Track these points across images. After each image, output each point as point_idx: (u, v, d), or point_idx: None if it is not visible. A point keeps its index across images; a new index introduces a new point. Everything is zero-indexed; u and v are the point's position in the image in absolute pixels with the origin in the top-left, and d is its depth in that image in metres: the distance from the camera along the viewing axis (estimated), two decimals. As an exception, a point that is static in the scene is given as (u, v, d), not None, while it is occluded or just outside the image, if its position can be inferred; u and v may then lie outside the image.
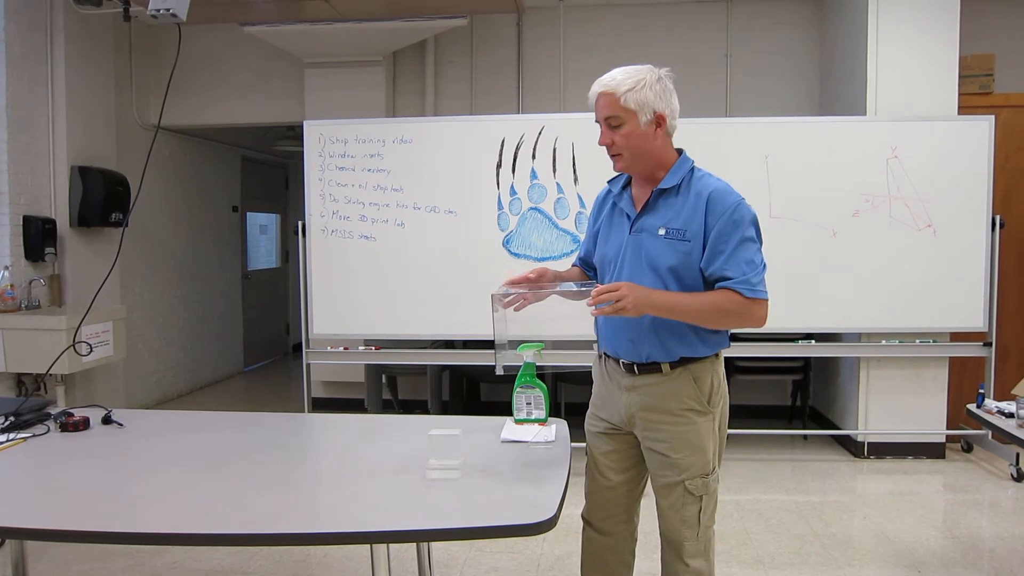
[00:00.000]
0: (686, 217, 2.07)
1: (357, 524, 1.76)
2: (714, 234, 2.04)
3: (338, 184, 4.66)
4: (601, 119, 2.09)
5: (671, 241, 2.07)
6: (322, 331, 4.73)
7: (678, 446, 2.10)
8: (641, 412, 2.14)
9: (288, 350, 9.21)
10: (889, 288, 4.55)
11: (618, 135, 2.07)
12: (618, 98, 2.04)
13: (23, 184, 4.75)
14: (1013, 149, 5.00)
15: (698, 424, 2.11)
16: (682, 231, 2.06)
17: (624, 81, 2.05)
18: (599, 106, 2.09)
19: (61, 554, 3.44)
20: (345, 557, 3.42)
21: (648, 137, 2.08)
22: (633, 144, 2.07)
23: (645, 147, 2.09)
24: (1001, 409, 3.03)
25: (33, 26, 4.82)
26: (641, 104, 2.04)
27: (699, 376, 2.12)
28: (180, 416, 2.84)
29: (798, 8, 5.72)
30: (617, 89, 2.04)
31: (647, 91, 2.04)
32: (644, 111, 2.05)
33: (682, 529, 2.13)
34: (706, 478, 2.12)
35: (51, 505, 1.89)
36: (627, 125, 2.06)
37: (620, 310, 1.95)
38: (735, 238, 2.03)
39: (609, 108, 2.06)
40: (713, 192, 2.06)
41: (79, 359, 4.41)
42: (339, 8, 4.94)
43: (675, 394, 2.10)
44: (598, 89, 2.08)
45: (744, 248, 2.04)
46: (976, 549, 3.53)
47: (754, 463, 4.81)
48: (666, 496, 2.14)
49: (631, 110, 2.04)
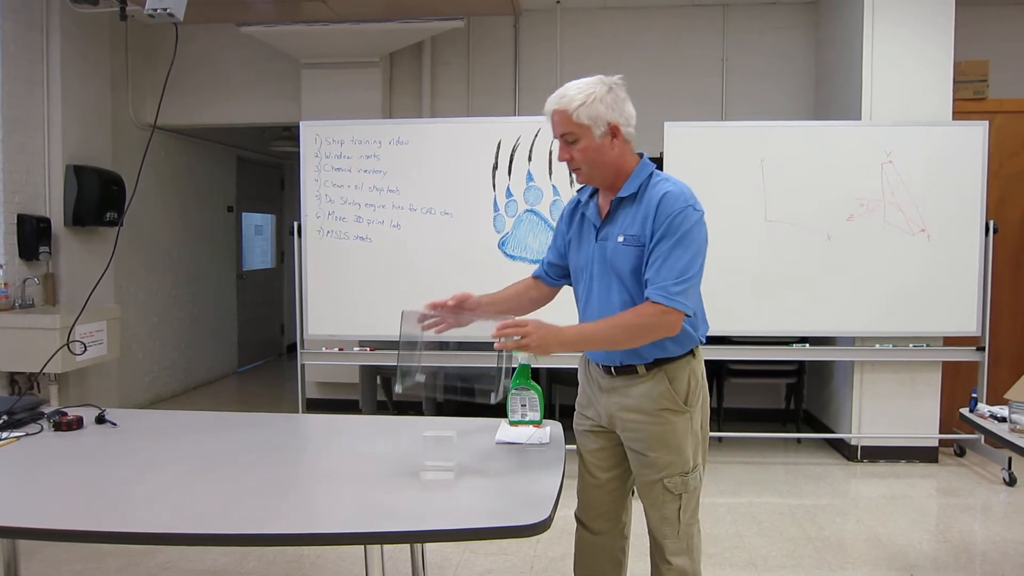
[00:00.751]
0: (640, 223, 2.08)
1: (351, 525, 1.75)
2: (655, 238, 2.04)
3: (334, 185, 4.66)
4: (557, 136, 2.10)
5: (629, 247, 2.08)
6: (317, 332, 4.73)
7: (655, 445, 2.13)
8: (619, 412, 2.18)
9: (283, 351, 9.20)
10: (883, 292, 4.57)
11: (575, 150, 2.08)
12: (570, 114, 2.04)
13: (18, 183, 4.74)
14: (1007, 155, 5.02)
15: (674, 423, 2.13)
16: (637, 236, 2.07)
17: (575, 97, 2.05)
18: (553, 123, 2.09)
19: (54, 554, 3.43)
20: (339, 558, 3.41)
21: (604, 149, 2.08)
22: (590, 158, 2.08)
23: (602, 159, 2.09)
24: (994, 413, 3.04)
25: (29, 25, 4.81)
26: (594, 118, 2.04)
27: (674, 376, 2.14)
28: (174, 416, 2.83)
29: (794, 12, 5.74)
30: (568, 106, 2.04)
31: (598, 104, 2.04)
32: (598, 124, 2.05)
33: (662, 527, 2.16)
34: (685, 476, 2.14)
35: (44, 504, 1.89)
36: (582, 140, 2.06)
37: (524, 347, 1.97)
38: (669, 243, 2.02)
39: (563, 125, 2.07)
40: (663, 197, 2.05)
41: (73, 358, 4.40)
42: (336, 9, 4.94)
43: (650, 394, 2.13)
44: (551, 107, 2.09)
45: (675, 256, 2.02)
46: (968, 553, 3.54)
47: (748, 466, 4.82)
48: (647, 495, 2.18)
49: (585, 125, 2.04)
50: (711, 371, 5.30)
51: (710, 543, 3.48)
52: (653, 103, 5.49)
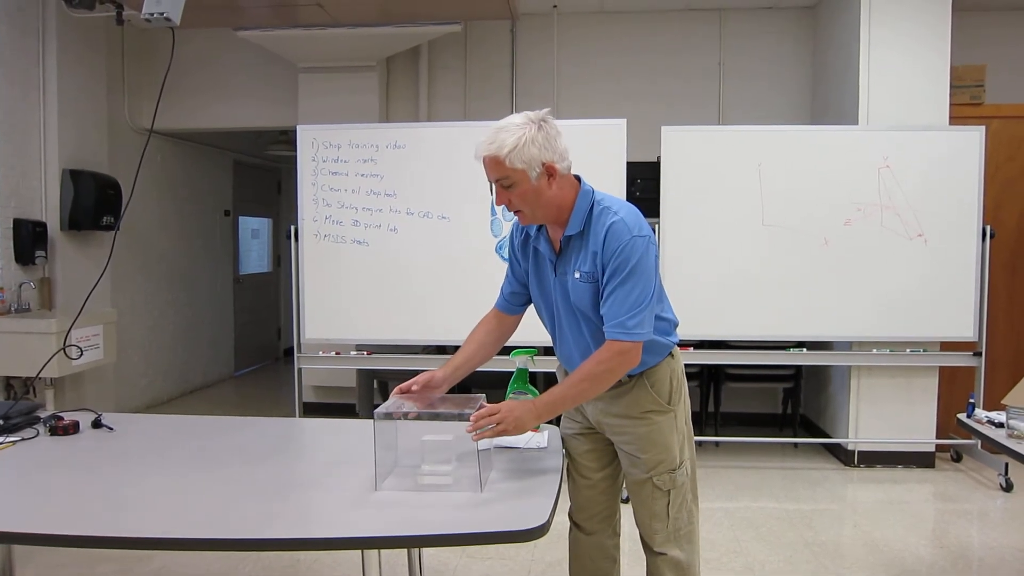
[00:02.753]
0: (591, 259, 2.06)
1: (348, 529, 1.75)
2: (606, 273, 2.03)
3: (331, 189, 4.65)
4: (492, 181, 2.05)
5: (585, 284, 2.07)
6: (314, 335, 4.72)
7: (644, 446, 2.18)
8: (605, 418, 2.23)
9: (279, 354, 9.19)
10: (880, 297, 4.57)
11: (513, 195, 2.03)
12: (503, 160, 1.98)
13: (13, 187, 4.73)
14: (1003, 159, 5.04)
15: (660, 423, 2.18)
16: (591, 273, 2.06)
17: (506, 141, 1.98)
18: (487, 169, 2.04)
19: (49, 559, 3.42)
20: (335, 563, 3.40)
21: (542, 190, 2.03)
22: (530, 200, 2.04)
23: (541, 200, 2.04)
24: (991, 419, 3.04)
25: (25, 29, 4.80)
26: (528, 161, 1.99)
27: (655, 381, 2.17)
28: (170, 420, 2.83)
29: (791, 17, 5.76)
30: (500, 152, 1.98)
31: (531, 147, 1.98)
32: (532, 167, 2.00)
33: (652, 523, 2.21)
34: (672, 473, 2.19)
35: (39, 509, 1.88)
36: (519, 184, 2.01)
37: (501, 432, 1.98)
38: (618, 279, 2.01)
39: (497, 171, 2.01)
40: (608, 231, 2.03)
41: (69, 362, 4.39)
42: (333, 13, 4.94)
43: (635, 401, 2.17)
44: (481, 153, 2.02)
45: (625, 290, 2.01)
46: (965, 559, 3.54)
47: (744, 471, 4.81)
48: (637, 493, 2.23)
49: (519, 169, 1.99)
50: (708, 376, 5.31)
51: (707, 548, 3.48)
52: (650, 107, 5.53)
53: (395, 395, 2.15)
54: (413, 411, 2.04)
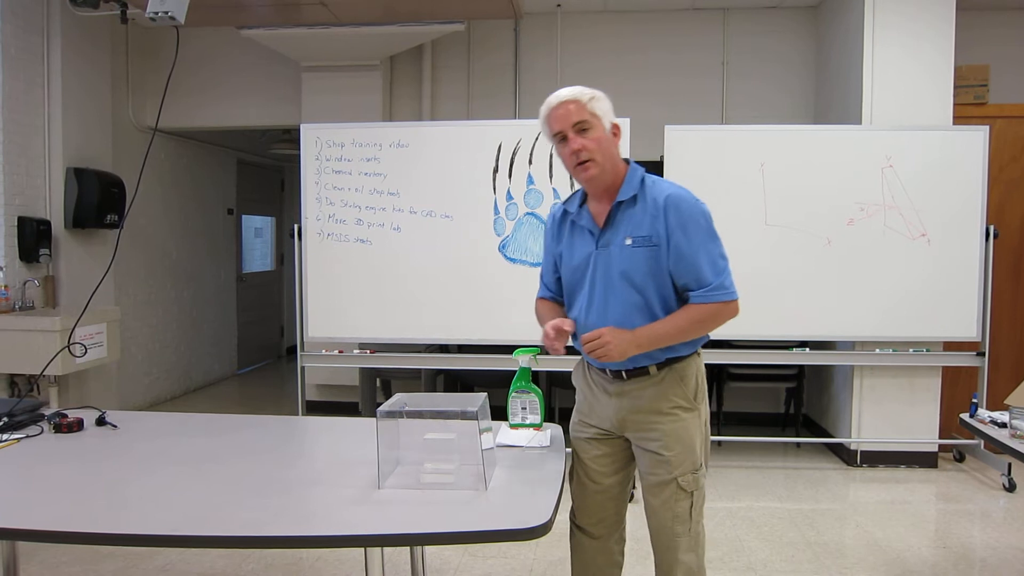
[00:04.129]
0: (648, 223, 2.11)
1: (350, 527, 1.75)
2: (677, 238, 2.08)
3: (334, 187, 4.66)
4: (568, 126, 2.10)
5: (639, 248, 2.11)
6: (317, 334, 4.73)
7: (671, 443, 2.15)
8: (633, 415, 2.19)
9: (282, 353, 9.20)
10: (883, 297, 4.57)
11: (589, 140, 2.10)
12: (585, 104, 2.10)
13: (18, 185, 4.74)
14: (1007, 160, 5.03)
15: (686, 420, 2.18)
16: (649, 237, 2.11)
17: (584, 91, 2.13)
18: (562, 115, 2.11)
19: (53, 556, 3.43)
20: (338, 560, 3.41)
21: (612, 143, 2.14)
22: (604, 148, 2.11)
23: (611, 152, 2.14)
24: (994, 419, 3.04)
25: (29, 27, 4.81)
26: (603, 112, 2.13)
27: (684, 374, 2.18)
28: (174, 418, 2.83)
29: (795, 16, 5.75)
30: (582, 97, 2.11)
31: (604, 102, 2.14)
32: (606, 118, 2.13)
33: (674, 525, 2.17)
34: (696, 473, 2.18)
35: (43, 506, 1.89)
36: (594, 131, 2.10)
37: (605, 356, 2.04)
38: (698, 239, 2.09)
39: (578, 114, 2.10)
40: (669, 196, 2.11)
41: (73, 360, 4.40)
42: (336, 12, 4.95)
43: (664, 394, 2.17)
44: (562, 98, 2.12)
45: (710, 248, 2.10)
46: (967, 559, 3.54)
47: (747, 470, 4.81)
48: (658, 494, 2.18)
49: (597, 115, 2.11)
50: (711, 375, 5.30)
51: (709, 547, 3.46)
52: (653, 106, 5.52)
53: (549, 328, 2.15)
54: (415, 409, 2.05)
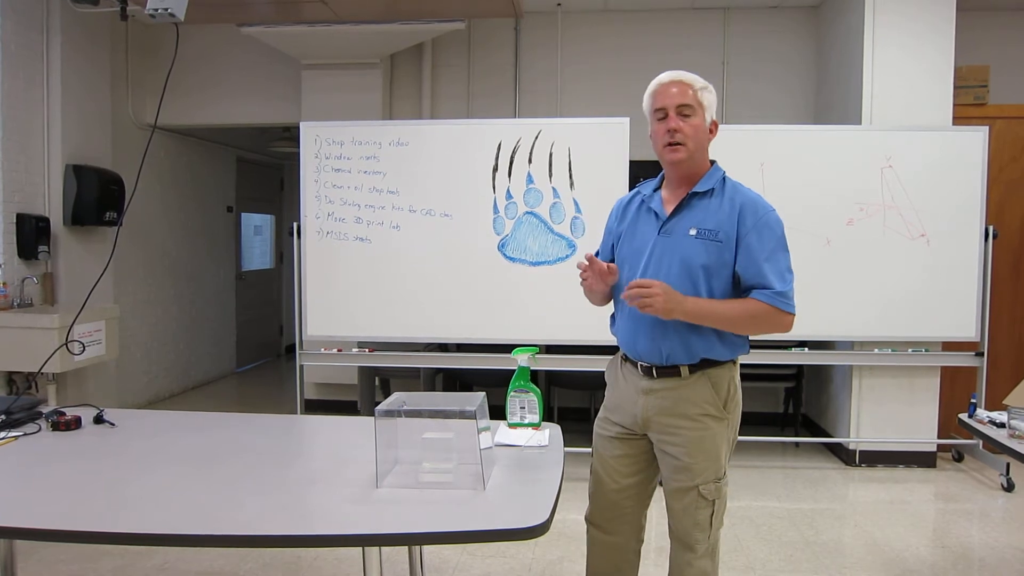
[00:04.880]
0: (719, 220, 2.12)
1: (349, 526, 1.75)
2: (749, 240, 2.09)
3: (334, 186, 4.66)
4: (672, 105, 2.12)
5: (703, 241, 2.11)
6: (315, 333, 4.73)
7: (693, 451, 2.13)
8: (658, 416, 2.17)
9: (281, 351, 9.20)
10: (882, 297, 4.57)
11: (687, 124, 2.12)
12: (695, 91, 2.13)
13: (17, 182, 4.74)
14: (1007, 160, 5.03)
15: (714, 430, 2.14)
16: (715, 232, 2.11)
17: (699, 79, 2.16)
18: (672, 93, 2.13)
19: (51, 554, 3.42)
20: (337, 560, 3.41)
21: (707, 135, 2.17)
22: (699, 136, 2.14)
23: (703, 143, 2.17)
24: (992, 419, 3.04)
25: (29, 24, 4.81)
26: (709, 104, 2.16)
27: (717, 381, 2.15)
28: (172, 416, 2.83)
29: (795, 16, 5.75)
30: (695, 83, 2.14)
31: (712, 95, 2.17)
32: (709, 111, 2.16)
33: (694, 532, 2.15)
34: (719, 482, 2.15)
35: (41, 505, 1.89)
36: (695, 117, 2.13)
37: (649, 307, 2.01)
38: (770, 246, 2.10)
39: (685, 97, 2.12)
40: (747, 201, 2.13)
41: (71, 358, 4.39)
42: (336, 10, 4.94)
43: (693, 398, 2.13)
44: (674, 77, 2.15)
45: (780, 258, 2.11)
46: (966, 559, 3.54)
47: (746, 470, 4.81)
48: (679, 500, 2.17)
49: (703, 105, 2.14)
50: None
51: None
52: (653, 106, 5.50)
53: (586, 259, 2.17)
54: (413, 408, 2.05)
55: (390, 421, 2.02)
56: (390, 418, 2.01)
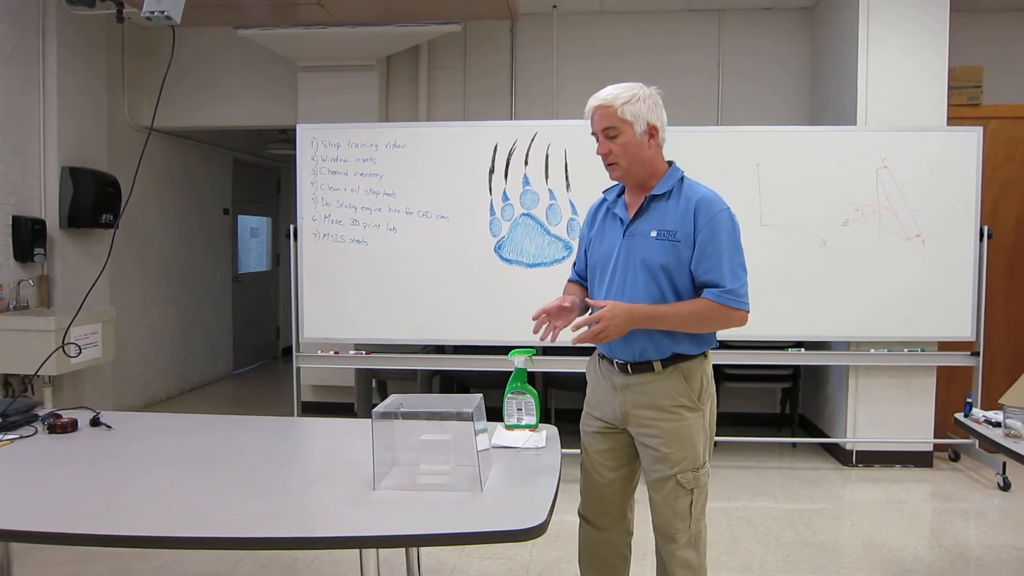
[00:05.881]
0: (676, 220, 2.19)
1: (346, 528, 1.75)
2: (702, 238, 2.15)
3: (330, 188, 4.65)
4: (598, 130, 2.21)
5: (662, 242, 2.19)
6: (312, 335, 4.72)
7: (670, 441, 2.19)
8: (635, 410, 2.24)
9: (278, 353, 9.19)
10: (878, 297, 4.58)
11: (615, 145, 2.19)
12: (616, 110, 2.17)
13: (13, 184, 4.73)
14: (1001, 160, 5.04)
15: (689, 420, 2.20)
16: (672, 232, 2.18)
17: (620, 95, 2.17)
18: (596, 119, 2.21)
19: (47, 556, 3.42)
20: (334, 561, 3.41)
21: (642, 147, 2.20)
22: (630, 153, 2.19)
23: (640, 156, 2.21)
24: (988, 418, 3.05)
25: (25, 26, 4.80)
26: (636, 116, 2.17)
27: (689, 374, 2.22)
28: (169, 419, 2.83)
29: (790, 18, 5.76)
30: (614, 102, 2.17)
31: (641, 104, 2.18)
32: (639, 122, 2.18)
33: (675, 522, 2.21)
34: (696, 472, 2.20)
35: (37, 507, 1.88)
36: (623, 135, 2.19)
37: (603, 339, 2.11)
38: (722, 245, 2.16)
39: (606, 120, 2.18)
40: (700, 199, 2.19)
41: (67, 360, 4.39)
42: (333, 12, 4.94)
43: (667, 392, 2.21)
44: (595, 103, 2.21)
45: (731, 255, 2.18)
46: (963, 558, 3.55)
47: (743, 471, 4.82)
48: (659, 490, 2.23)
49: (627, 121, 2.17)
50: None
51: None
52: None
53: (540, 313, 2.26)
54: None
55: (387, 423, 2.02)
56: (387, 420, 2.02)
